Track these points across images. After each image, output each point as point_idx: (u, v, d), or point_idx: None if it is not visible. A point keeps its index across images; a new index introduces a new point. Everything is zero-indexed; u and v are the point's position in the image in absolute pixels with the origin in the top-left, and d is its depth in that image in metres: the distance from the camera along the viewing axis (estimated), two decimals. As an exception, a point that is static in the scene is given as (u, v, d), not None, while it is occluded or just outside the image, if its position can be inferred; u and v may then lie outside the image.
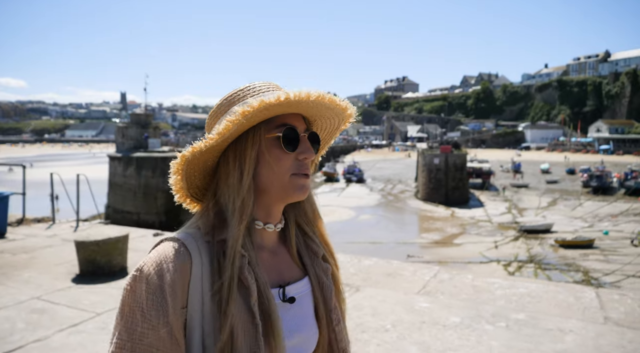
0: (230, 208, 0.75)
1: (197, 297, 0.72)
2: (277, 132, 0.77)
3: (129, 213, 27.86)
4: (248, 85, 0.83)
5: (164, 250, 0.73)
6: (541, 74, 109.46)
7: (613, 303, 3.11)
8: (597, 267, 21.96)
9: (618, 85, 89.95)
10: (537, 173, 57.96)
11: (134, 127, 28.79)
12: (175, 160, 0.77)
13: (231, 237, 0.74)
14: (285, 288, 0.81)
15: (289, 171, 0.79)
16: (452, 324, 2.67)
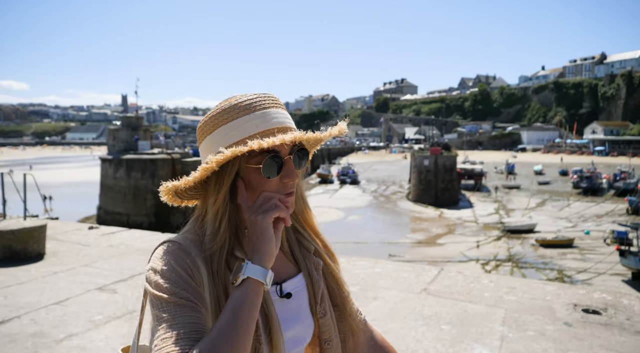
0: (208, 227, 0.81)
1: (208, 298, 0.78)
2: (256, 163, 0.79)
3: (119, 215, 28.47)
4: (238, 100, 0.83)
5: (168, 249, 0.78)
6: (538, 76, 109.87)
7: (442, 279, 3.68)
8: (573, 265, 22.46)
9: (614, 87, 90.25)
10: (530, 174, 58.32)
11: (125, 129, 29.43)
12: (163, 188, 0.85)
13: (207, 250, 0.79)
14: (282, 285, 0.87)
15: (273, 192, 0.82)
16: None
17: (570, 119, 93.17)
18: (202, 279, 0.77)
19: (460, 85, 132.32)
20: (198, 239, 0.82)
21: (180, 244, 0.79)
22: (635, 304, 3.13)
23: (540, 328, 2.72)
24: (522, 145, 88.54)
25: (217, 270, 0.79)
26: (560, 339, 2.57)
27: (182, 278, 0.75)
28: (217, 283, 0.79)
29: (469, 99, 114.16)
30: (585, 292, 3.39)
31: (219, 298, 0.78)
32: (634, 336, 2.63)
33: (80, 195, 39.88)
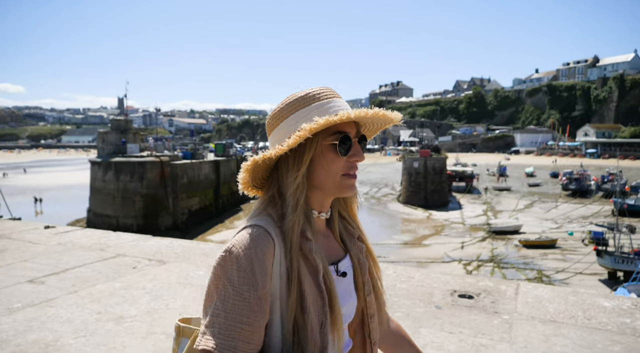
0: (288, 200, 0.88)
1: (278, 276, 0.84)
2: (333, 140, 0.88)
3: (108, 217, 28.70)
4: (308, 91, 0.93)
5: (251, 234, 0.83)
6: (532, 79, 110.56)
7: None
8: (553, 265, 22.83)
9: (606, 90, 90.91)
10: (521, 176, 58.75)
11: (114, 132, 29.69)
12: (246, 162, 0.91)
13: (288, 224, 0.86)
14: (338, 264, 0.95)
15: (340, 172, 0.90)
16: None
17: (563, 122, 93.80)
18: (274, 259, 0.84)
19: (455, 87, 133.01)
20: (273, 220, 0.88)
21: (263, 227, 0.85)
22: (509, 290, 3.48)
23: (410, 311, 3.06)
24: (515, 147, 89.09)
25: (293, 243, 0.85)
26: (420, 318, 2.92)
27: (254, 271, 0.80)
28: (293, 256, 0.85)
29: (464, 101, 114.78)
30: (474, 280, 3.74)
31: (291, 269, 0.84)
32: (487, 315, 2.99)
33: (73, 197, 40.08)
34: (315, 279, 0.86)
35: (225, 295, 0.79)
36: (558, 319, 2.95)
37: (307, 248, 0.87)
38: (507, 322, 2.91)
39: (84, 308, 2.98)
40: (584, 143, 78.36)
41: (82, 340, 2.50)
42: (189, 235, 27.39)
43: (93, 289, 3.38)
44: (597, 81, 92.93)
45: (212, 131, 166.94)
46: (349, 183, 0.91)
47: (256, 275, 0.80)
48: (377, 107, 0.91)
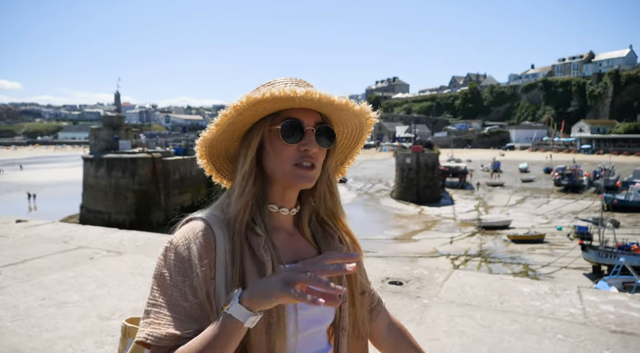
0: (234, 191, 0.86)
1: (222, 270, 0.81)
2: (278, 125, 0.85)
3: (100, 213, 28.87)
4: (269, 80, 0.91)
5: (192, 227, 0.83)
6: (527, 75, 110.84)
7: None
8: (540, 260, 23.11)
9: (601, 86, 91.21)
10: (515, 172, 59.04)
11: (106, 129, 29.80)
12: (196, 146, 0.91)
13: (231, 214, 0.84)
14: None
15: (290, 161, 0.86)
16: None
17: (558, 117, 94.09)
18: (215, 253, 0.81)
19: (451, 83, 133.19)
20: (222, 214, 0.86)
21: (205, 220, 0.84)
22: (440, 277, 3.70)
23: (338, 296, 3.27)
24: (510, 143, 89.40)
25: (239, 231, 0.84)
26: (344, 303, 3.13)
27: (191, 262, 0.79)
28: (235, 249, 0.83)
29: (460, 97, 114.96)
30: (410, 268, 3.96)
31: (231, 264, 0.82)
32: (409, 299, 3.20)
33: (68, 194, 40.19)
34: (261, 276, 0.82)
35: (162, 285, 0.80)
36: (474, 303, 3.16)
37: (255, 243, 0.84)
38: (424, 305, 3.13)
39: (30, 295, 3.18)
40: (579, 139, 78.71)
41: (19, 323, 2.70)
42: (181, 231, 27.61)
43: (45, 278, 3.58)
44: (592, 77, 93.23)
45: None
46: (299, 172, 0.86)
47: (192, 266, 0.80)
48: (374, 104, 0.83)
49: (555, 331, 2.68)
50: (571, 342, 2.54)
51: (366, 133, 0.97)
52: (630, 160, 63.32)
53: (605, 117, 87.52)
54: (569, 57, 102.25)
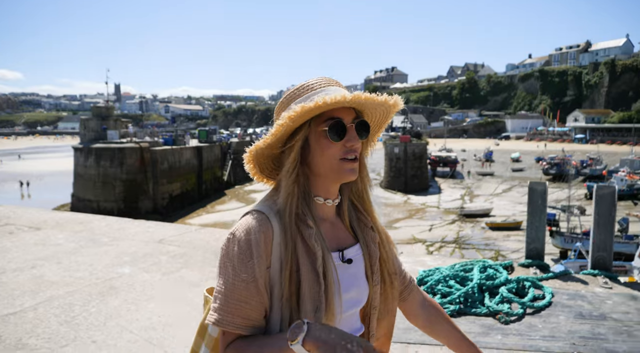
0: (281, 186, 0.93)
1: (277, 260, 0.89)
2: (324, 126, 0.92)
3: (90, 202, 29.62)
4: (303, 83, 0.98)
5: (252, 219, 0.89)
6: (525, 64, 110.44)
7: (185, 235, 4.93)
8: (512, 246, 23.80)
9: (597, 75, 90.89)
10: (507, 161, 59.47)
11: (95, 119, 30.42)
12: (246, 154, 0.98)
13: (282, 208, 0.91)
14: (344, 251, 0.98)
15: (336, 157, 0.93)
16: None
17: (554, 107, 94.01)
18: (272, 243, 0.88)
19: (449, 73, 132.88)
20: (276, 206, 0.92)
21: (263, 213, 0.90)
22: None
23: (205, 259, 3.96)
24: (506, 133, 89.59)
25: (289, 224, 0.90)
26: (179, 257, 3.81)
27: (252, 254, 0.86)
28: (288, 237, 0.89)
29: (457, 87, 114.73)
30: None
31: (285, 253, 0.89)
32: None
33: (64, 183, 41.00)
34: (313, 265, 0.89)
35: (226, 275, 0.87)
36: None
37: (307, 234, 0.91)
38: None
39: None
40: (574, 128, 78.87)
41: None
42: (169, 218, 28.35)
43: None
44: (588, 66, 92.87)
45: (209, 117, 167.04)
46: (347, 167, 0.93)
47: (254, 258, 0.86)
48: (371, 93, 0.93)
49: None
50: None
51: (390, 118, 1.04)
52: (622, 149, 63.55)
53: (600, 106, 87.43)
54: (566, 47, 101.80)
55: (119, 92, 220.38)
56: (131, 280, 3.41)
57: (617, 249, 19.66)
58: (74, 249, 4.24)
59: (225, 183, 42.26)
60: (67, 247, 4.32)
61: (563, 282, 3.50)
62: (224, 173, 42.62)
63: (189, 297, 3.14)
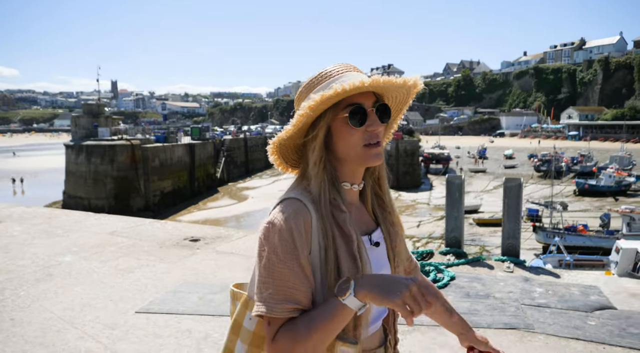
0: (310, 173, 0.94)
1: (316, 245, 0.89)
2: (344, 113, 0.91)
3: (81, 199, 29.80)
4: (321, 71, 0.98)
5: (289, 206, 0.89)
6: (520, 62, 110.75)
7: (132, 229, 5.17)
8: (497, 242, 24.10)
9: (591, 73, 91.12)
10: (500, 158, 59.74)
11: (86, 116, 30.57)
12: (269, 145, 0.99)
13: (315, 195, 0.92)
14: (372, 235, 1.00)
15: (360, 143, 0.93)
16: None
17: (549, 104, 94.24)
18: (312, 229, 0.89)
19: (445, 70, 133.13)
20: (306, 191, 0.93)
21: (299, 199, 0.91)
22: (237, 235, 4.63)
23: (151, 249, 4.21)
24: (501, 130, 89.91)
25: (325, 211, 0.91)
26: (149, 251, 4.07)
27: (295, 240, 0.86)
28: (325, 224, 0.91)
29: (452, 84, 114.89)
30: (215, 230, 4.91)
31: (326, 239, 0.90)
32: (189, 250, 4.14)
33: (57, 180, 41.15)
34: (350, 248, 0.91)
35: (270, 264, 0.86)
36: (245, 253, 4.11)
37: (341, 219, 0.92)
38: (195, 253, 4.07)
39: None
40: (567, 125, 79.18)
41: None
42: (160, 215, 28.56)
43: None
44: (582, 64, 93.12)
45: (205, 114, 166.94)
46: (371, 152, 0.93)
47: (297, 245, 0.86)
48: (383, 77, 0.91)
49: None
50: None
51: (410, 99, 1.03)
52: (614, 146, 63.86)
53: (594, 103, 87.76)
54: (560, 44, 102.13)
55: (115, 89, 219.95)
56: (69, 268, 3.66)
57: (598, 244, 20.21)
58: (25, 240, 4.48)
59: (218, 181, 42.47)
60: (21, 238, 4.57)
61: (472, 268, 3.76)
62: (216, 170, 42.84)
63: (116, 282, 3.39)
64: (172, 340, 2.48)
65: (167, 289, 3.23)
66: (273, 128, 79.55)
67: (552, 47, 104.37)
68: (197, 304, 2.94)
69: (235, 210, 32.79)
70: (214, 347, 2.42)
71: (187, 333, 2.57)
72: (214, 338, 2.50)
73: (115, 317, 2.74)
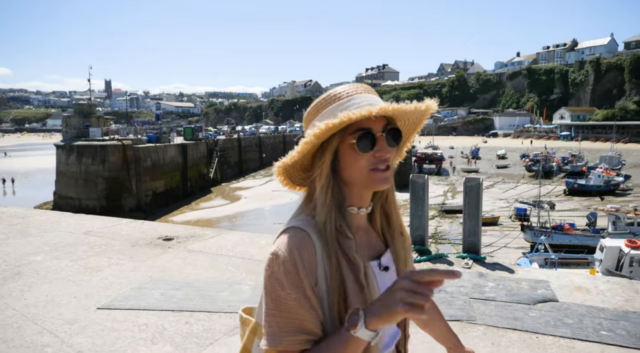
0: (317, 200, 0.91)
1: (322, 275, 0.88)
2: (352, 139, 0.88)
3: (72, 199, 29.72)
4: (331, 92, 0.96)
5: (292, 237, 0.87)
6: (513, 62, 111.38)
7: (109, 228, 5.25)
8: (488, 240, 24.29)
9: (583, 73, 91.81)
10: (493, 158, 60.13)
11: (77, 116, 30.49)
12: (275, 168, 0.96)
13: (320, 223, 0.89)
14: (381, 259, 0.98)
15: (367, 168, 0.90)
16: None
17: (541, 105, 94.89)
18: (316, 260, 0.88)
19: (439, 71, 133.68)
20: (311, 218, 0.91)
21: (303, 229, 0.89)
22: (210, 234, 4.73)
23: (122, 248, 4.30)
24: (494, 130, 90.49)
25: (330, 239, 0.89)
26: (119, 250, 4.16)
27: (299, 272, 0.85)
28: (331, 251, 0.89)
29: (447, 84, 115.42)
30: (187, 230, 5.00)
31: (330, 268, 0.89)
32: (161, 249, 4.23)
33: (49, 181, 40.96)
34: (357, 277, 0.90)
35: (277, 296, 0.85)
36: (214, 252, 4.21)
37: (347, 246, 0.90)
38: (166, 252, 4.17)
39: None
40: (559, 126, 79.81)
41: None
42: (152, 216, 28.55)
43: None
44: (574, 65, 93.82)
45: (200, 114, 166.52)
46: (378, 177, 0.91)
47: (301, 277, 0.85)
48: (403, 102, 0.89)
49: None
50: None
51: (424, 120, 1.00)
52: (605, 146, 64.43)
53: (586, 104, 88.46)
54: (553, 45, 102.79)
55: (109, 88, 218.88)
56: (39, 267, 3.75)
57: (584, 242, 20.46)
58: (0, 240, 4.55)
59: (212, 181, 42.46)
60: (-4, 237, 4.64)
61: (432, 264, 3.89)
62: (210, 170, 42.84)
63: (83, 279, 3.48)
64: (128, 334, 2.58)
65: (132, 286, 3.33)
66: (267, 128, 79.51)
67: (545, 48, 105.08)
68: (159, 300, 3.04)
69: (228, 211, 32.82)
70: (168, 340, 2.52)
71: (143, 327, 2.67)
72: (169, 333, 2.61)
73: (77, 313, 2.84)
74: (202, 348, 2.44)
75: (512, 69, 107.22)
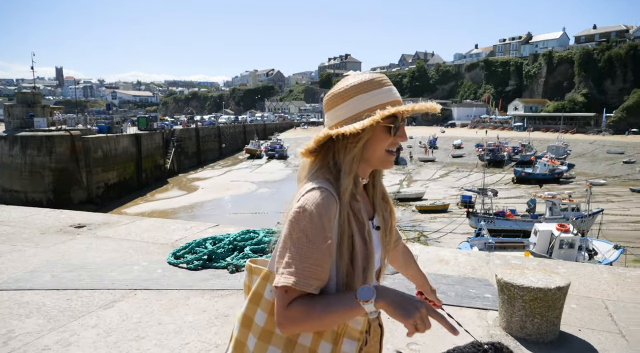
0: (344, 168, 1.05)
1: (336, 228, 1.02)
2: (389, 122, 1.04)
3: (17, 192, 28.50)
4: (373, 77, 1.08)
5: (319, 194, 1.00)
6: (471, 54, 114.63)
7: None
8: (437, 227, 25.36)
9: (536, 66, 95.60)
10: (450, 148, 61.97)
11: (20, 106, 29.14)
12: (320, 135, 1.07)
13: (343, 187, 1.03)
14: (373, 220, 1.14)
15: (385, 149, 1.07)
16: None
17: (497, 96, 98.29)
18: (336, 216, 1.01)
19: (400, 61, 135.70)
20: (332, 185, 1.03)
21: (327, 189, 1.01)
22: (125, 221, 4.88)
23: (32, 235, 4.38)
24: (452, 120, 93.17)
25: (346, 203, 1.03)
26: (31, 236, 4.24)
27: (324, 225, 0.98)
28: (343, 214, 1.02)
29: (407, 75, 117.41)
30: (105, 217, 5.12)
31: (345, 224, 1.02)
32: (70, 235, 4.36)
33: None
34: (362, 233, 1.05)
35: (300, 244, 0.96)
36: (122, 237, 4.38)
37: (357, 208, 1.05)
38: (74, 238, 4.31)
39: None
40: (513, 117, 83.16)
41: None
42: (104, 208, 27.83)
43: None
44: (529, 57, 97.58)
45: (159, 104, 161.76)
46: (390, 158, 1.09)
47: (325, 228, 0.97)
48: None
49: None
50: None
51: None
52: (553, 136, 67.79)
53: (539, 96, 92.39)
54: (509, 38, 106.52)
55: (61, 76, 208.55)
56: (-64, 254, 3.80)
57: (522, 227, 21.72)
58: None
59: (168, 172, 41.68)
60: None
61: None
62: (166, 161, 42.01)
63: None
64: (6, 311, 2.75)
65: (27, 270, 3.47)
66: (227, 118, 78.22)
67: (502, 41, 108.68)
68: (48, 281, 3.21)
69: (184, 201, 32.45)
70: (44, 314, 2.71)
71: (25, 304, 2.85)
72: (47, 308, 2.80)
73: (-37, 294, 2.97)
74: (74, 319, 2.65)
75: (471, 61, 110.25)
